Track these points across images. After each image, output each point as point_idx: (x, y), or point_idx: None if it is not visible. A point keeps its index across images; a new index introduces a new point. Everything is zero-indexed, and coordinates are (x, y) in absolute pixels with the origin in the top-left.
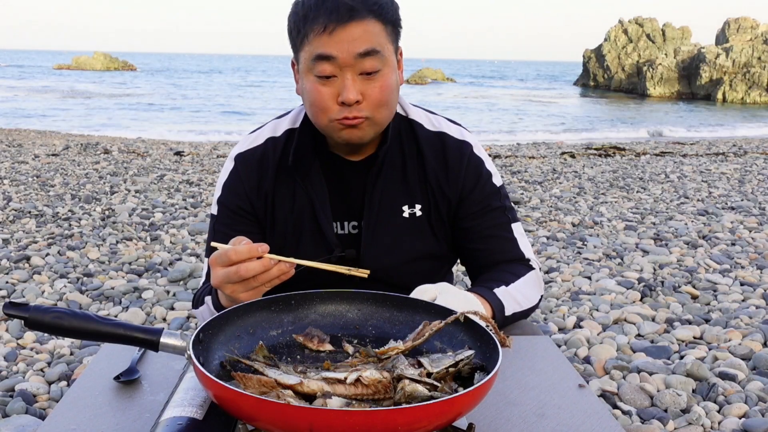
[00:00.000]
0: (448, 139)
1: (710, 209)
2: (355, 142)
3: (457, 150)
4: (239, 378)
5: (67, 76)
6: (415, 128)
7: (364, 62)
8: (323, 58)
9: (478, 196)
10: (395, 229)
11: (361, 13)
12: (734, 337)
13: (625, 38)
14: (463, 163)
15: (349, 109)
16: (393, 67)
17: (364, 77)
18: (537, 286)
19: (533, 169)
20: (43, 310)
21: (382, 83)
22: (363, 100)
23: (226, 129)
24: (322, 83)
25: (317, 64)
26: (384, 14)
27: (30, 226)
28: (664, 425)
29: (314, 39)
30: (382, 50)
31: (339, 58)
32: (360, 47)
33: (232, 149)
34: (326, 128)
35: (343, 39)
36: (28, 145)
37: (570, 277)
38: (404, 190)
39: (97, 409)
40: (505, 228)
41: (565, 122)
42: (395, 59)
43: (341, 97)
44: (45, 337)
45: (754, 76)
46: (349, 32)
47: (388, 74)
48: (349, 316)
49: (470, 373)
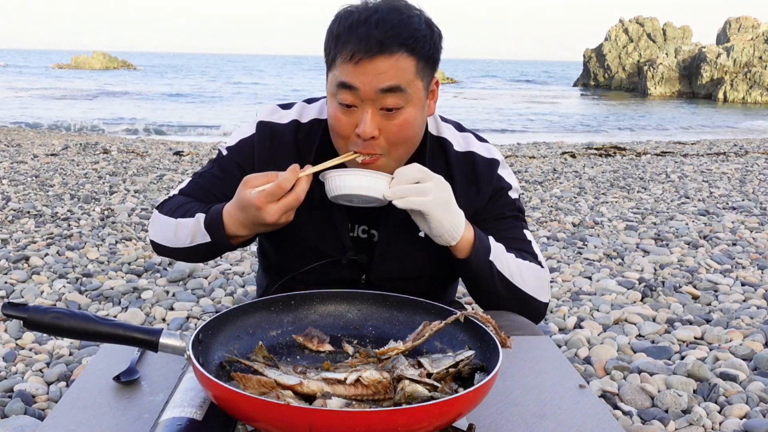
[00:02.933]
0: (477, 159)
1: (711, 209)
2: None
3: (486, 168)
4: (239, 378)
5: (66, 75)
6: (445, 148)
7: (385, 98)
8: (346, 86)
9: (493, 206)
10: (410, 246)
11: (390, 48)
12: (735, 337)
13: (625, 38)
14: (491, 181)
15: (363, 144)
16: (418, 104)
17: (385, 113)
18: (542, 282)
19: (533, 169)
20: (42, 310)
21: (401, 121)
22: (380, 135)
23: (225, 126)
24: (342, 111)
25: (340, 91)
26: (418, 49)
27: (29, 226)
28: (665, 426)
29: (341, 65)
30: (407, 88)
31: (360, 90)
32: (383, 83)
33: (257, 112)
34: (343, 153)
35: (368, 71)
36: (26, 145)
37: (570, 277)
38: None
39: (97, 410)
40: (518, 231)
41: (565, 122)
42: (424, 95)
43: (358, 129)
44: (44, 337)
45: (755, 75)
46: (375, 66)
47: (411, 112)
48: (349, 316)
49: (470, 373)
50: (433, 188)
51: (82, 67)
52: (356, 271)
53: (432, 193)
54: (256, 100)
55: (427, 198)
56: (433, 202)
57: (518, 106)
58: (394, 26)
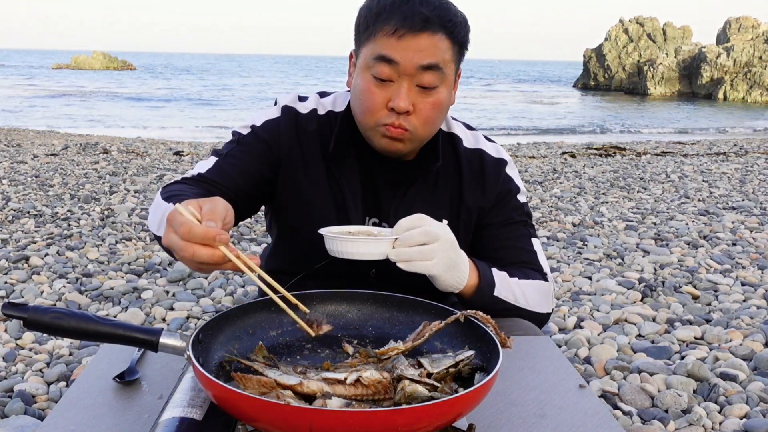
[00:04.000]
0: (486, 157)
1: (711, 209)
2: (392, 152)
3: (494, 167)
4: (239, 378)
5: (66, 75)
6: (456, 143)
7: (423, 75)
8: (385, 60)
9: (502, 209)
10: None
11: (434, 26)
12: (735, 337)
13: (625, 38)
14: (498, 180)
15: (396, 116)
16: (450, 85)
17: (420, 90)
18: (545, 295)
19: (533, 169)
20: (42, 310)
21: (435, 100)
22: (413, 111)
23: (225, 125)
24: (377, 84)
25: (377, 64)
26: (455, 33)
27: (29, 226)
28: (665, 426)
29: (381, 39)
30: (444, 67)
31: (401, 65)
32: (424, 59)
33: (279, 98)
34: (369, 131)
35: (410, 47)
36: (27, 145)
37: (570, 277)
38: (433, 204)
39: (97, 410)
40: (524, 240)
41: (565, 122)
42: (453, 78)
43: (392, 102)
44: (44, 337)
45: (755, 75)
46: (418, 42)
47: (443, 93)
48: (349, 316)
49: (470, 373)
50: (439, 250)
51: (82, 68)
52: (366, 265)
53: (438, 255)
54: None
55: (432, 261)
56: (438, 265)
57: (518, 106)
58: (437, 7)
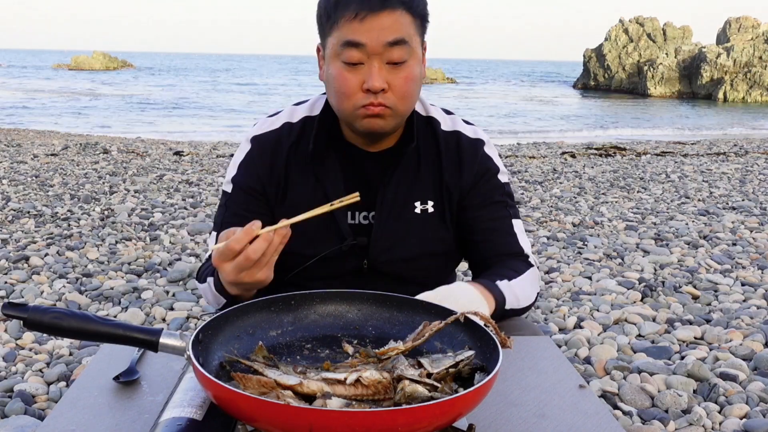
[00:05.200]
0: (462, 138)
1: (711, 209)
2: (376, 131)
3: (471, 147)
4: (239, 378)
5: (66, 75)
6: (434, 126)
7: (392, 51)
8: (352, 44)
9: (482, 189)
10: (406, 223)
11: (392, 3)
12: (735, 337)
13: (625, 38)
14: (475, 159)
15: (374, 96)
16: (418, 59)
17: (391, 67)
18: (535, 284)
19: (533, 169)
20: (42, 310)
21: (407, 74)
22: (388, 89)
23: (226, 125)
24: (348, 70)
25: (345, 50)
26: (414, 7)
27: (29, 226)
28: (665, 426)
29: (344, 25)
30: (410, 41)
31: (368, 46)
32: (389, 36)
33: (248, 131)
34: (349, 116)
35: (374, 27)
36: (27, 145)
37: (570, 278)
38: (418, 186)
39: (97, 410)
40: (505, 222)
41: (565, 122)
42: (420, 51)
43: (367, 84)
44: (44, 337)
45: (755, 75)
46: (380, 21)
47: (414, 65)
48: (349, 316)
49: (470, 373)
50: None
51: (83, 67)
52: (358, 257)
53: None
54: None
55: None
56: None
57: (518, 106)
58: None
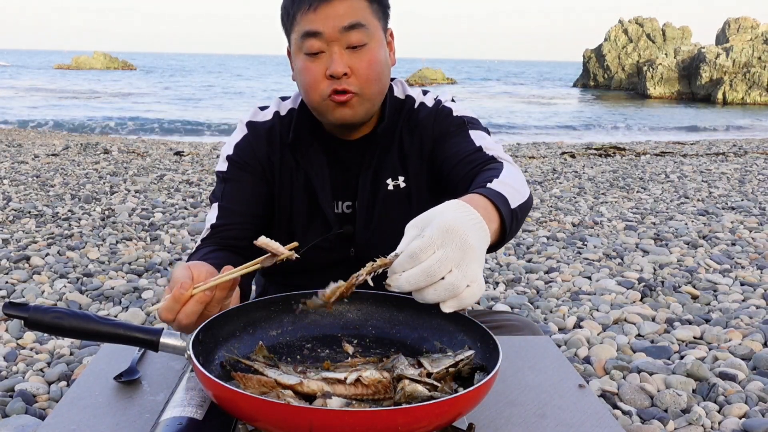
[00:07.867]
0: (422, 106)
1: (710, 209)
2: (347, 120)
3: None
4: (239, 378)
5: (66, 75)
6: (410, 105)
7: (350, 35)
8: (310, 34)
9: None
10: (381, 203)
11: None
12: (734, 337)
13: (625, 38)
14: (431, 116)
15: (338, 81)
16: (380, 42)
17: (352, 51)
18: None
19: (533, 169)
20: (42, 310)
21: (369, 57)
22: (351, 74)
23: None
24: (311, 60)
25: (305, 41)
26: None
27: (30, 226)
28: (665, 425)
29: (301, 18)
30: (368, 24)
31: (325, 33)
32: (344, 21)
33: (242, 117)
34: (319, 107)
35: (329, 15)
36: (27, 145)
37: (570, 277)
38: (387, 164)
39: (97, 410)
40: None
41: (565, 122)
42: (383, 36)
43: (329, 70)
44: (45, 337)
45: (754, 76)
46: (334, 8)
47: (376, 48)
48: (349, 316)
49: (470, 373)
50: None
51: (83, 68)
52: (344, 247)
53: (448, 261)
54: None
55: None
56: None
57: (518, 107)
58: None
